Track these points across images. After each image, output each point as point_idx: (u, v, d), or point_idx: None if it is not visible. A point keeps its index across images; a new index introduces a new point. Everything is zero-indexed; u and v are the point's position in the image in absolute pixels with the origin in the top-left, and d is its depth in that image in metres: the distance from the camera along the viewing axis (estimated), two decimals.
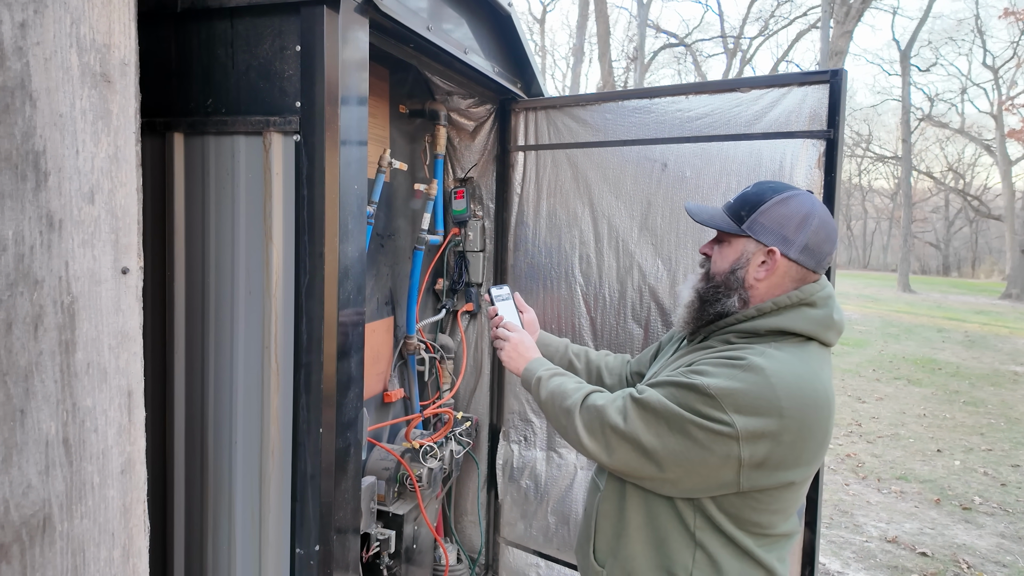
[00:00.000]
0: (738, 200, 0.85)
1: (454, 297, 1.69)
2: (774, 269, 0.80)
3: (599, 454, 0.82)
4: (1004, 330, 8.81)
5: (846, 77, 1.22)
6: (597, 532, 0.88)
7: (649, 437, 0.76)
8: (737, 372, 0.74)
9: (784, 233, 0.79)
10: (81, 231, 0.62)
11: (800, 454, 0.75)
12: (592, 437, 0.82)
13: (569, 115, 1.54)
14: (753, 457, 0.73)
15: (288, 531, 0.88)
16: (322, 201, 0.83)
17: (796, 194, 0.82)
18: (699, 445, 0.73)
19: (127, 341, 0.67)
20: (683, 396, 0.75)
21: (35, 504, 0.58)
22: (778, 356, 0.76)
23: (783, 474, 0.75)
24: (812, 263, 0.80)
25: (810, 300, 0.79)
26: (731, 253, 0.83)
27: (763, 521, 0.78)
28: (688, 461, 0.74)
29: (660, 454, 0.76)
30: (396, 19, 0.99)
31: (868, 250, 29.68)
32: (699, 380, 0.75)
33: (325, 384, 0.85)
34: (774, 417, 0.72)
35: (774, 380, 0.72)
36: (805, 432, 0.74)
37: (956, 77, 25.55)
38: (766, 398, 0.72)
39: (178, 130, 0.91)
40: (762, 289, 0.81)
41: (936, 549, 2.48)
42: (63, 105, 0.60)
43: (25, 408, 0.57)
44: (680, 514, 0.80)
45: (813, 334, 0.79)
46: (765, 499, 0.77)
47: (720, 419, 0.72)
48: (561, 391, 0.89)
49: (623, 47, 14.38)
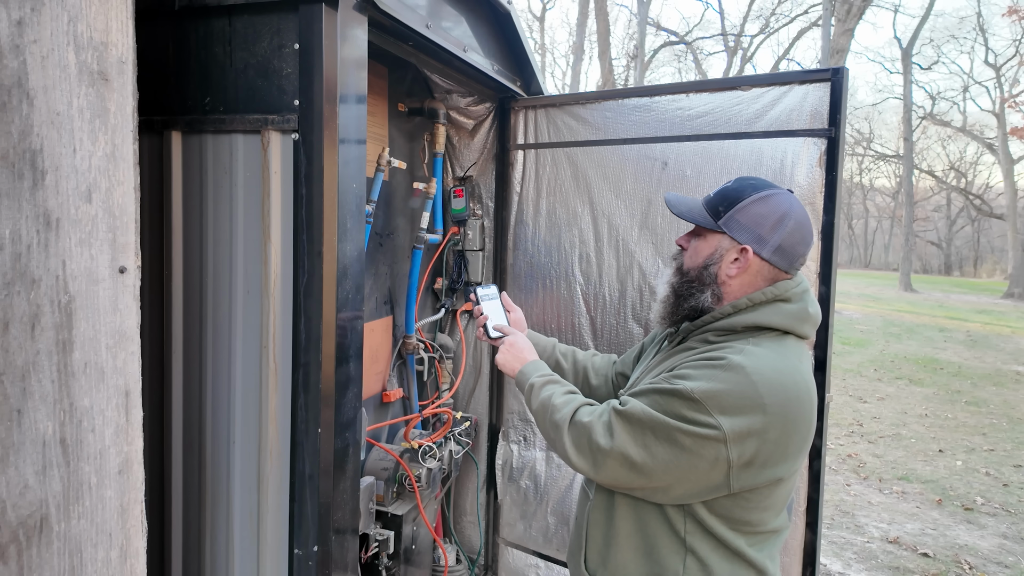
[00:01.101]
0: (718, 194, 0.84)
1: (453, 296, 1.69)
2: (746, 267, 0.80)
3: (588, 470, 0.81)
4: (1006, 330, 8.79)
5: (847, 75, 1.22)
6: (588, 541, 0.88)
7: (637, 449, 0.76)
8: (718, 372, 0.74)
9: (759, 232, 0.79)
10: (78, 230, 0.62)
11: (786, 449, 0.75)
12: (580, 454, 0.81)
13: (569, 113, 1.53)
14: (741, 457, 0.73)
15: (286, 531, 0.88)
16: (320, 200, 0.83)
17: (775, 193, 0.81)
18: (687, 451, 0.73)
19: (124, 341, 0.67)
20: (667, 403, 0.75)
21: (32, 504, 0.58)
22: (757, 352, 0.76)
23: (771, 471, 0.75)
24: (784, 264, 0.80)
25: (785, 296, 0.80)
26: (705, 248, 0.83)
27: (753, 519, 0.78)
28: (678, 468, 0.74)
29: (649, 465, 0.75)
30: (395, 17, 0.98)
31: (870, 249, 29.64)
32: (681, 385, 0.74)
33: (323, 384, 0.85)
34: (758, 414, 0.72)
35: (755, 378, 0.72)
36: (789, 426, 0.74)
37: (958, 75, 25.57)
38: (749, 396, 0.72)
39: (176, 128, 0.91)
40: (734, 286, 0.82)
41: (938, 550, 2.47)
42: (60, 103, 0.60)
43: (22, 408, 0.57)
44: (670, 520, 0.80)
45: (789, 328, 0.79)
46: (755, 498, 0.76)
47: (706, 422, 0.72)
48: (551, 404, 0.87)
49: (623, 45, 14.36)
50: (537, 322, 1.61)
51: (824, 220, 1.24)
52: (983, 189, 22.34)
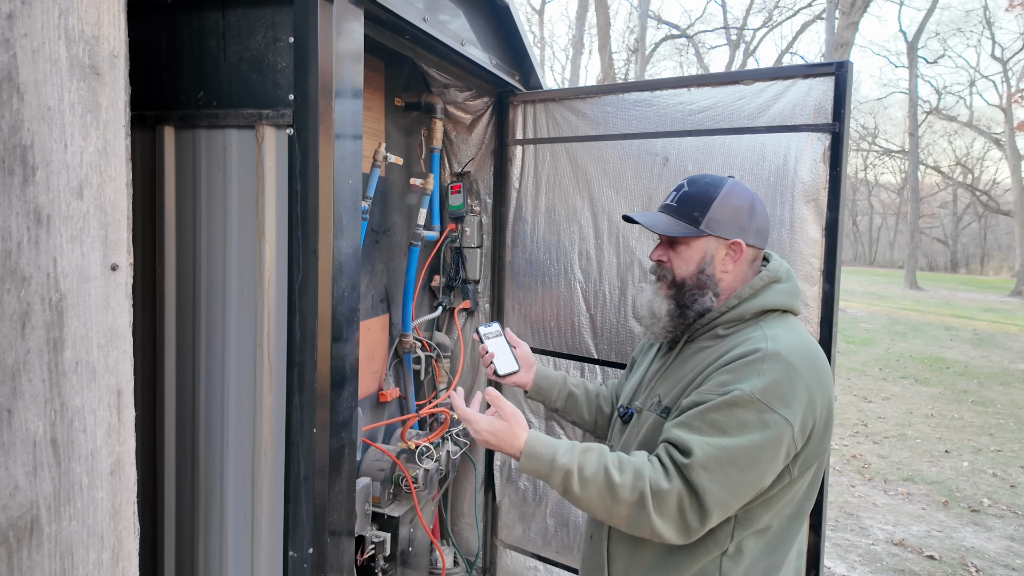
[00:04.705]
0: (682, 202, 0.86)
1: (451, 294, 1.68)
2: (739, 258, 0.85)
3: (683, 540, 0.75)
4: (1014, 328, 8.71)
5: (852, 69, 1.20)
6: (611, 557, 0.86)
7: (726, 494, 0.72)
8: (760, 366, 0.75)
9: (740, 224, 0.85)
10: (70, 227, 0.61)
11: (828, 418, 0.78)
12: (676, 530, 0.74)
13: (568, 108, 1.51)
14: (801, 439, 0.75)
15: (281, 533, 0.87)
16: (316, 196, 0.82)
17: (732, 184, 0.87)
18: (769, 460, 0.73)
19: (117, 339, 0.66)
20: (728, 417, 0.73)
21: (22, 506, 0.57)
22: (777, 335, 0.79)
23: (821, 444, 0.78)
24: (762, 242, 0.88)
25: (776, 277, 0.85)
26: (694, 254, 0.86)
27: (799, 496, 0.80)
28: (763, 479, 0.74)
29: (744, 497, 0.74)
30: (391, 10, 0.97)
31: (874, 246, 29.46)
32: (737, 390, 0.74)
33: (319, 383, 0.84)
34: (805, 393, 0.75)
35: (792, 359, 0.75)
36: (827, 395, 0.77)
37: (964, 69, 25.30)
38: (794, 379, 0.74)
39: (169, 123, 0.90)
40: (728, 279, 0.86)
41: (944, 552, 2.44)
42: (51, 98, 0.59)
43: (12, 408, 0.56)
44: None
45: (788, 306, 0.85)
46: (800, 480, 0.78)
47: (773, 420, 0.73)
48: (609, 481, 0.74)
49: (624, 38, 14.26)
50: (536, 321, 1.60)
51: (828, 217, 1.22)
52: (990, 185, 22.16)
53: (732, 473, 0.72)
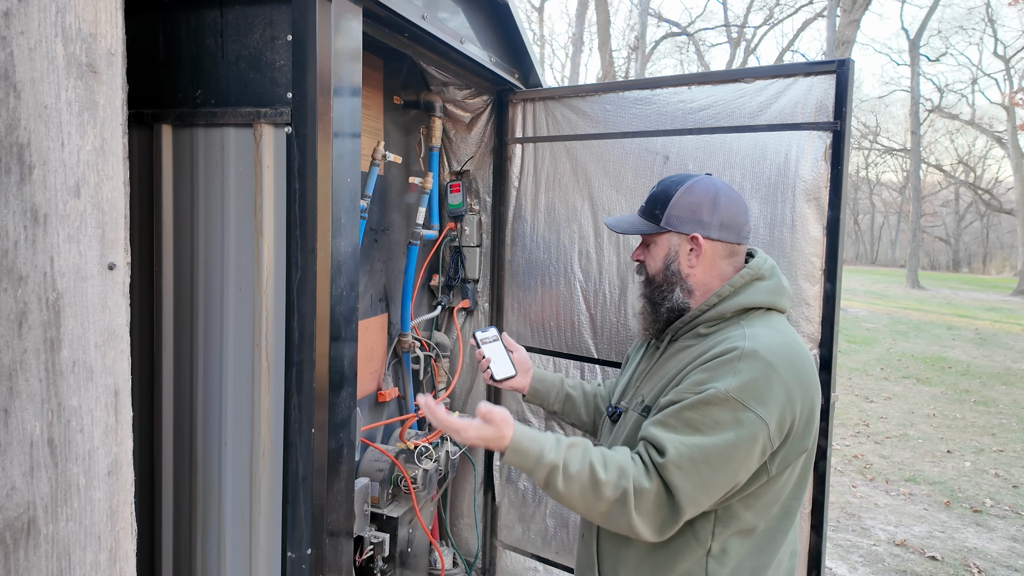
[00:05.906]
0: (649, 202, 0.89)
1: (450, 294, 1.67)
2: (702, 253, 0.84)
3: (658, 537, 0.76)
4: (1016, 327, 8.69)
5: (853, 67, 1.19)
6: (601, 556, 0.87)
7: (699, 492, 0.73)
8: (737, 364, 0.74)
9: (699, 218, 0.84)
10: (67, 226, 0.61)
11: (809, 417, 0.77)
12: (652, 527, 0.75)
13: (568, 106, 1.51)
14: (780, 436, 0.74)
15: (279, 534, 0.87)
16: (314, 195, 0.82)
17: (697, 180, 0.87)
18: (743, 460, 0.73)
19: (114, 339, 0.66)
20: (703, 415, 0.73)
21: (19, 506, 0.57)
22: (757, 333, 0.78)
23: (801, 443, 0.77)
24: (733, 237, 0.85)
25: (759, 275, 0.85)
26: (659, 251, 0.87)
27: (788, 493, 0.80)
28: (736, 477, 0.74)
29: (717, 496, 0.74)
30: (390, 7, 0.97)
31: (876, 245, 29.39)
32: (712, 388, 0.74)
33: (317, 383, 0.84)
34: (783, 392, 0.74)
35: (771, 358, 0.75)
36: (808, 394, 0.77)
37: (966, 67, 25.08)
38: (770, 377, 0.74)
39: (166, 122, 0.89)
40: (699, 274, 0.85)
41: (946, 553, 2.44)
42: (48, 96, 0.59)
43: (9, 407, 0.56)
44: (691, 522, 0.79)
45: (771, 304, 0.84)
46: (780, 478, 0.78)
47: (747, 418, 0.72)
48: (594, 478, 0.74)
49: (624, 36, 14.24)
50: (535, 320, 1.59)
51: (829, 215, 1.22)
52: (992, 183, 22.09)
53: (705, 472, 0.73)
